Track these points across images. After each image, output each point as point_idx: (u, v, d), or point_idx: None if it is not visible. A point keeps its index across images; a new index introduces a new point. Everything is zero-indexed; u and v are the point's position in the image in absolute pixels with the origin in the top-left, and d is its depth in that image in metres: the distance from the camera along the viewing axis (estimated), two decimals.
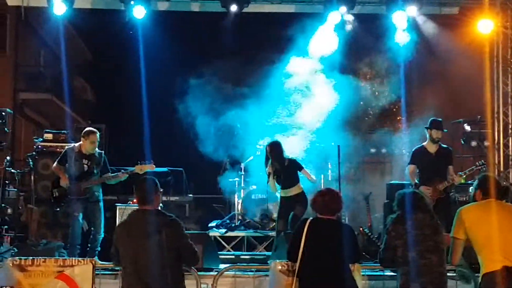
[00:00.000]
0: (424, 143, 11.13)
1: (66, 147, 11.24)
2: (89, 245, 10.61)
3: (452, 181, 10.77)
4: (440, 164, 10.91)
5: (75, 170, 10.65)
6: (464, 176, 10.96)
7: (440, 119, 11.17)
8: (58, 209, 11.19)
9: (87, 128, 11.12)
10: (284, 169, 11.06)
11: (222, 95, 14.31)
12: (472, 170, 10.97)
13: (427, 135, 11.10)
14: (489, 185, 7.02)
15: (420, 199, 7.18)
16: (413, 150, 11.31)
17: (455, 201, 11.55)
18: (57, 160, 10.96)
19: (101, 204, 10.79)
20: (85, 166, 10.70)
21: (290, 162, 11.19)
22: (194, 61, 15.39)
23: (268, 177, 11.20)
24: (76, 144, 10.98)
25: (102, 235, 10.62)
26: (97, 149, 10.86)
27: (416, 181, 10.85)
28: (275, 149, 11.12)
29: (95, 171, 10.75)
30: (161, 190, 6.96)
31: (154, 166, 10.81)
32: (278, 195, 11.37)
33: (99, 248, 10.58)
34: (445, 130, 11.15)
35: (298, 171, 11.19)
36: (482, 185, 7.06)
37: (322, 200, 7.00)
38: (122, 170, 10.94)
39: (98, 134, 10.84)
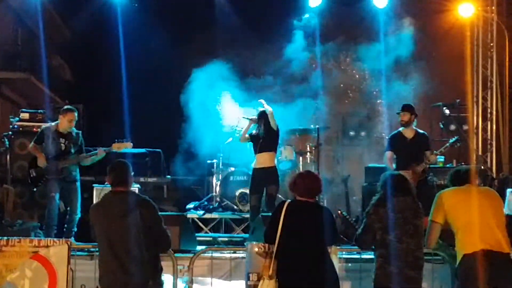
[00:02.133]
0: (400, 129, 11.14)
1: (43, 126, 11.12)
2: (65, 225, 10.55)
3: (428, 161, 10.80)
4: (417, 149, 10.91)
5: (52, 149, 10.55)
6: (439, 154, 11.01)
7: (406, 103, 11.16)
8: (35, 189, 11.08)
9: (65, 106, 11.03)
10: (267, 135, 11.01)
11: (202, 75, 14.21)
12: (446, 147, 11.02)
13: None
14: (460, 178, 7.06)
15: (404, 182, 7.16)
16: (389, 136, 11.36)
17: (433, 185, 11.57)
18: (33, 139, 10.83)
19: (78, 184, 10.72)
20: (62, 145, 10.62)
21: (275, 131, 11.15)
22: (173, 41, 15.26)
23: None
24: (53, 123, 10.87)
25: (79, 215, 10.56)
26: (74, 128, 10.76)
27: (394, 166, 10.86)
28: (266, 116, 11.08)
29: (72, 150, 10.66)
30: (132, 172, 7.00)
31: (131, 144, 10.74)
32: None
33: (75, 229, 10.53)
34: (399, 111, 11.11)
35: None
36: (452, 179, 7.12)
37: (302, 182, 6.95)
38: (100, 148, 10.84)
39: (76, 113, 10.73)
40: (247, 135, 11.38)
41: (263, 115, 11.06)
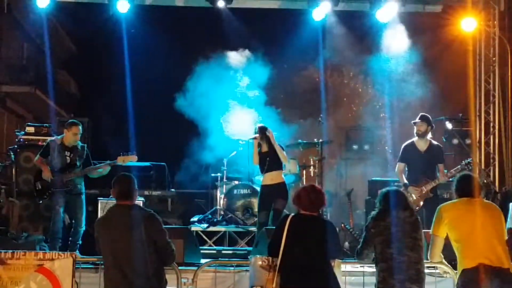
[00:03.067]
0: (414, 139, 11.08)
1: (48, 139, 11.19)
2: (70, 238, 10.59)
3: (440, 180, 10.75)
4: (430, 162, 10.84)
5: (57, 163, 10.62)
6: (451, 175, 10.85)
7: (423, 113, 11.12)
8: (40, 201, 11.13)
9: (70, 120, 11.11)
10: (272, 153, 11.00)
11: (206, 90, 14.29)
12: (458, 169, 10.90)
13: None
14: (464, 186, 7.08)
15: (402, 197, 7.21)
16: (403, 146, 11.21)
17: (438, 198, 11.55)
18: (39, 152, 10.90)
19: (83, 197, 10.79)
20: (68, 158, 10.68)
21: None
22: (178, 55, 15.36)
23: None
24: (59, 137, 10.94)
25: (84, 228, 10.61)
26: (79, 142, 10.84)
27: (405, 178, 10.81)
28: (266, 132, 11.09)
29: (77, 163, 10.72)
30: (137, 186, 7.09)
31: (136, 157, 10.79)
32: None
33: (80, 242, 10.57)
34: (416, 120, 11.02)
35: None
36: (457, 186, 7.15)
37: (306, 196, 7.00)
38: (104, 163, 10.90)
39: (80, 126, 10.81)
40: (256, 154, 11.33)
41: (262, 131, 11.04)
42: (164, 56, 15.18)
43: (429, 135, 11.04)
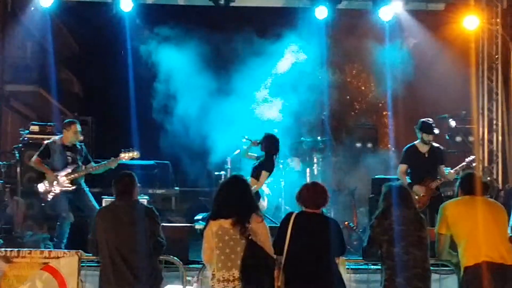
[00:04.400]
0: (416, 142, 11.01)
1: (47, 141, 11.03)
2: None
3: (445, 179, 10.78)
4: (432, 164, 10.86)
5: (59, 164, 10.58)
6: (455, 173, 10.86)
7: (430, 121, 11.01)
8: (43, 204, 11.07)
9: (66, 120, 11.05)
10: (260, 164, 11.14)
11: (209, 89, 14.33)
12: (463, 166, 10.94)
13: (418, 136, 11.00)
14: (469, 184, 7.11)
15: (405, 193, 7.22)
16: (404, 149, 11.17)
17: (442, 197, 11.57)
18: (37, 153, 10.75)
19: (84, 188, 10.76)
20: (69, 158, 10.65)
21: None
22: (182, 54, 15.35)
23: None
24: (57, 138, 10.88)
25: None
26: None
27: (409, 180, 10.83)
28: (266, 141, 11.18)
29: (79, 163, 10.73)
30: (139, 184, 7.29)
31: (139, 153, 10.80)
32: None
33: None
34: (436, 132, 11.00)
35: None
36: (462, 184, 7.18)
37: (308, 193, 7.01)
38: (110, 159, 10.90)
39: (78, 124, 10.78)
40: (250, 153, 11.46)
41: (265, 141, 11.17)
42: (167, 54, 15.15)
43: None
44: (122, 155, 10.67)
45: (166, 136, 15.08)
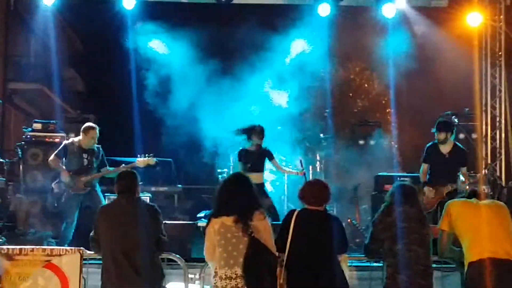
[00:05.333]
0: (436, 141, 10.82)
1: (65, 142, 11.11)
2: None
3: (458, 187, 10.61)
4: (452, 165, 10.67)
5: (75, 165, 10.63)
6: (472, 183, 10.68)
7: (443, 120, 10.95)
8: (56, 204, 11.03)
9: (87, 124, 11.00)
10: (257, 155, 11.13)
11: (211, 85, 14.34)
12: (477, 179, 10.86)
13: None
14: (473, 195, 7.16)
15: (410, 192, 7.20)
16: (426, 147, 10.96)
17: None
18: (55, 153, 10.84)
19: (98, 189, 10.81)
20: (85, 160, 10.69)
21: (264, 150, 11.30)
22: (184, 51, 15.36)
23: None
24: (75, 139, 10.93)
25: None
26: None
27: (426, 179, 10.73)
28: (254, 132, 11.22)
29: (94, 165, 10.76)
30: (141, 182, 7.35)
31: (155, 160, 10.88)
32: None
33: None
34: (449, 131, 10.78)
35: (268, 160, 11.29)
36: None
37: (310, 191, 7.00)
38: (123, 164, 10.93)
39: (97, 130, 10.81)
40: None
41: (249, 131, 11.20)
42: (171, 52, 15.17)
43: (452, 137, 10.85)
44: (138, 160, 10.71)
45: (169, 134, 15.10)
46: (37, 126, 13.04)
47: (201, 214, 13.40)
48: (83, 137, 10.74)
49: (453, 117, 14.43)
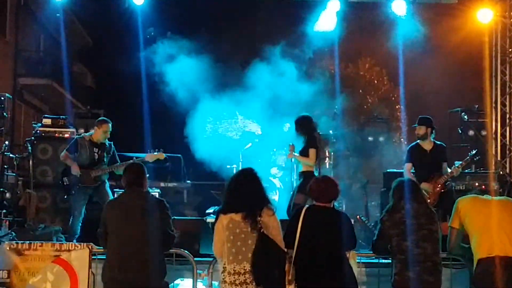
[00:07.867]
0: (418, 141, 10.97)
1: (76, 136, 11.20)
2: None
3: (452, 174, 10.74)
4: (436, 161, 10.79)
5: (86, 159, 10.68)
6: (461, 167, 10.85)
7: (424, 115, 11.04)
8: (67, 197, 11.03)
9: (101, 118, 11.12)
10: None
11: (222, 81, 14.33)
12: (467, 160, 10.92)
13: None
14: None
15: (415, 188, 7.22)
16: (408, 148, 11.19)
17: (452, 191, 11.51)
18: (66, 148, 10.94)
19: (107, 185, 10.84)
20: (96, 154, 10.75)
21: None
22: (193, 46, 15.38)
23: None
24: (87, 134, 11.02)
25: None
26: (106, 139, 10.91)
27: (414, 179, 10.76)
28: (299, 125, 11.17)
29: (105, 160, 10.80)
30: (148, 175, 7.26)
31: (164, 154, 10.90)
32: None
33: None
34: (429, 126, 10.88)
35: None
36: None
37: (318, 187, 7.01)
38: (134, 158, 10.96)
39: (110, 124, 10.85)
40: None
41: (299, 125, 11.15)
42: (180, 47, 15.17)
43: (432, 136, 10.92)
44: (148, 156, 10.75)
45: (178, 129, 15.11)
46: (47, 121, 13.07)
47: (210, 210, 13.42)
48: (96, 130, 10.80)
49: (463, 113, 14.41)
